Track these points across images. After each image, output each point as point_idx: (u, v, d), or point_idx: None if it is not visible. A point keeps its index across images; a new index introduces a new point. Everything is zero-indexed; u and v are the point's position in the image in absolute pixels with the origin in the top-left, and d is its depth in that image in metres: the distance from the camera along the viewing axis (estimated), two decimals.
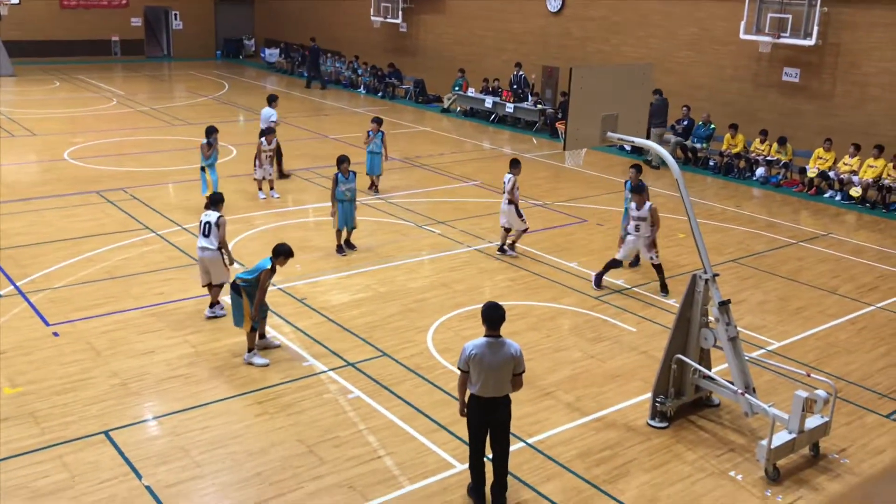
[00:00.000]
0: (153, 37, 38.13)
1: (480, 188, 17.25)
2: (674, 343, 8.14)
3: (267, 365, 8.94)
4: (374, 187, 16.28)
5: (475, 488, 6.80)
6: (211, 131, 14.23)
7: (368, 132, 16.02)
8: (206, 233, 9.69)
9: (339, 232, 12.60)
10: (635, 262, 12.31)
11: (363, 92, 30.49)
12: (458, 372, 6.56)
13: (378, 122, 15.98)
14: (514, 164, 12.62)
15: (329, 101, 28.42)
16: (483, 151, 21.51)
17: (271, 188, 15.63)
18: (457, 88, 26.84)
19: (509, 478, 6.89)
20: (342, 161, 12.35)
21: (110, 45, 36.15)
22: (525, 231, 12.67)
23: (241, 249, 12.78)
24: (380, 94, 29.57)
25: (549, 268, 12.52)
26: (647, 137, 16.92)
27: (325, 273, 11.75)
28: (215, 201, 9.86)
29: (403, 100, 29.08)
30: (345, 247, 12.71)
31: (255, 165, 15.40)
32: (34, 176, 16.71)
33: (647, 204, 11.31)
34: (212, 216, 9.66)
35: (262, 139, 15.20)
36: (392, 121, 24.19)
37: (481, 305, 6.60)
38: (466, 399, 6.62)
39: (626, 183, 12.30)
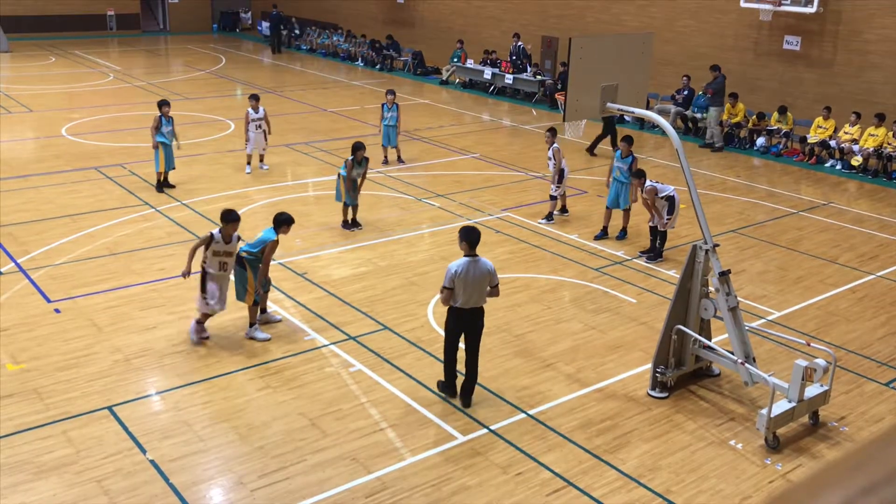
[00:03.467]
0: (149, 11, 37.74)
1: (480, 161, 17.19)
2: (674, 314, 8.15)
3: (268, 339, 8.95)
4: (387, 161, 16.28)
5: (448, 385, 7.93)
6: (163, 104, 13.75)
7: (383, 105, 15.99)
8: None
9: (345, 207, 12.59)
10: (622, 234, 12.35)
11: (361, 64, 30.25)
12: (444, 291, 7.46)
13: (393, 93, 15.96)
14: (553, 133, 12.87)
15: (326, 73, 28.21)
16: (482, 123, 21.39)
17: (261, 161, 15.39)
18: (455, 60, 26.63)
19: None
20: (358, 148, 12.19)
21: (106, 19, 35.79)
22: (553, 199, 13.15)
23: (241, 224, 12.75)
24: (378, 67, 29.32)
25: (549, 240, 12.52)
26: (706, 116, 16.78)
27: (325, 247, 11.74)
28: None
29: (401, 72, 28.85)
30: (351, 223, 12.68)
31: (245, 139, 15.30)
32: (32, 153, 16.63)
33: (648, 184, 11.33)
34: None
35: (249, 108, 14.93)
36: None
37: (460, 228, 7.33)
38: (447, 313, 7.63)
39: (615, 151, 12.32)
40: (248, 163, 15.29)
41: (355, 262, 11.39)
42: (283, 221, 8.81)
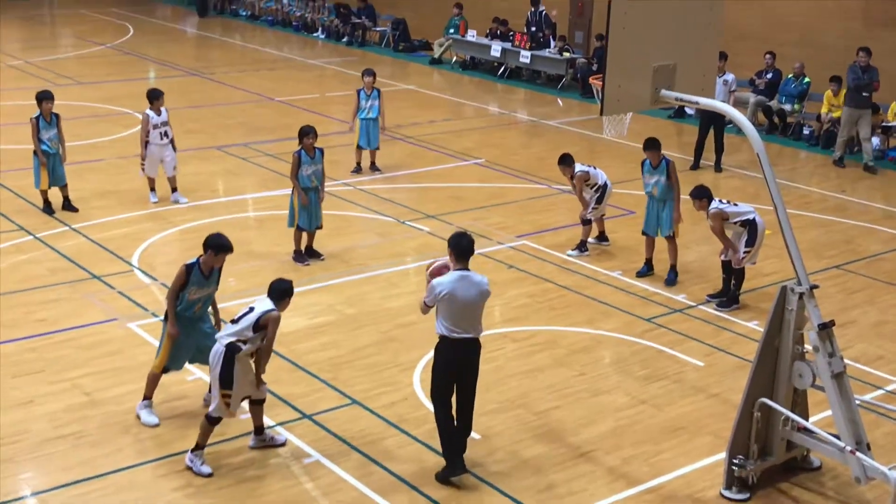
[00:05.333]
0: None
1: (486, 168, 17.24)
2: (757, 382, 8.13)
3: (156, 425, 8.82)
4: (360, 168, 16.39)
5: (450, 462, 8.13)
6: (43, 98, 13.69)
7: (359, 91, 16.10)
8: (237, 320, 8.35)
9: (300, 232, 12.60)
10: (671, 275, 12.39)
11: (322, 37, 30.49)
12: (424, 306, 8.04)
13: (372, 74, 16.10)
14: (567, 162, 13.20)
15: (274, 48, 28.43)
16: (489, 117, 21.50)
17: (174, 189, 14.78)
18: (452, 31, 26.89)
19: None
20: (306, 133, 12.34)
21: None
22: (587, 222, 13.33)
23: (152, 257, 12.77)
24: (345, 40, 29.58)
25: (582, 279, 12.52)
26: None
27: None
28: (278, 291, 8.36)
29: (378, 47, 29.09)
30: (305, 255, 12.70)
31: (142, 157, 14.46)
32: None
33: (713, 206, 11.43)
34: (263, 304, 8.38)
35: (148, 110, 14.31)
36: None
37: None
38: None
39: (642, 163, 12.46)
40: (152, 188, 14.71)
41: (313, 310, 11.37)
42: (211, 245, 8.63)
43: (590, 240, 13.41)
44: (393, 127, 19.53)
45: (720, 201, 11.65)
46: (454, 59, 26.94)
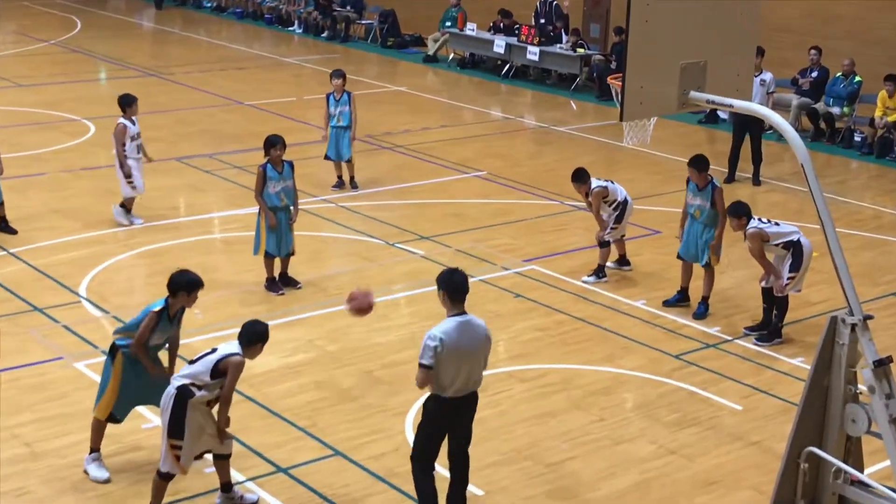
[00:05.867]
0: None
1: (488, 182, 17.30)
2: (803, 428, 8.11)
3: (106, 481, 8.78)
4: (342, 182, 16.48)
5: None
6: None
7: (328, 96, 16.18)
8: (195, 360, 8.44)
9: (269, 259, 12.64)
10: (701, 308, 12.37)
11: (299, 31, 30.62)
12: (422, 369, 7.61)
13: (341, 76, 16.21)
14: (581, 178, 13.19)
15: (243, 45, 28.51)
16: (491, 123, 21.57)
17: (128, 209, 14.87)
18: (449, 24, 27.00)
19: None
20: (272, 144, 12.38)
21: None
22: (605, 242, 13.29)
23: (103, 285, 12.74)
24: (325, 35, 29.71)
25: (600, 309, 12.54)
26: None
27: (241, 321, 11.67)
28: (249, 334, 8.46)
29: (363, 43, 29.22)
30: (280, 283, 12.69)
31: (125, 174, 14.55)
32: None
33: (751, 225, 11.44)
34: (228, 346, 8.46)
35: (123, 119, 14.49)
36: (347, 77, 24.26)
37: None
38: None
39: (688, 181, 12.43)
40: (128, 208, 14.86)
41: (288, 346, 11.36)
42: (181, 285, 8.71)
43: (609, 264, 13.42)
44: (381, 135, 19.60)
45: (759, 220, 11.66)
46: (451, 56, 27.04)
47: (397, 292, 12.89)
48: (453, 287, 7.73)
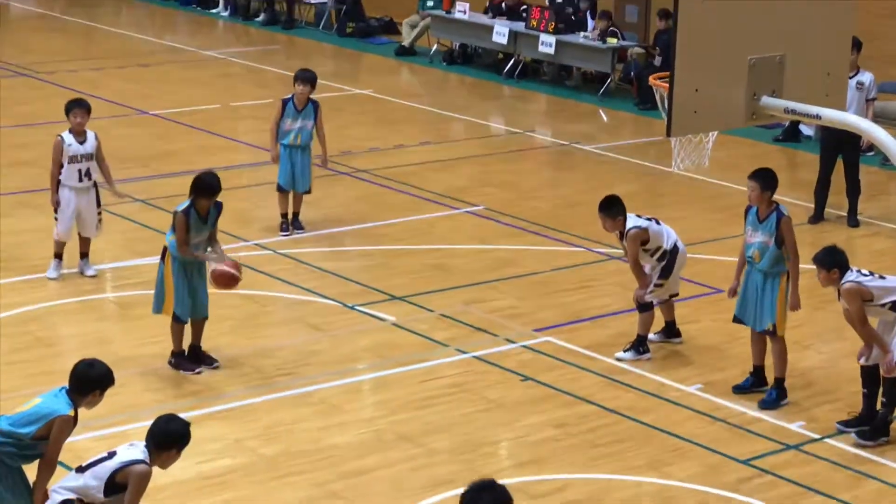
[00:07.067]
0: None
1: (485, 221, 17.35)
2: None
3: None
4: (289, 223, 16.51)
5: None
6: None
7: (285, 102, 16.22)
8: (84, 467, 8.62)
9: (178, 325, 12.68)
10: (772, 395, 12.37)
11: (225, 14, 30.77)
12: None
13: (310, 81, 16.21)
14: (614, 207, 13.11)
15: (151, 34, 28.60)
16: (491, 140, 21.65)
17: (84, 254, 15.16)
18: (431, 4, 27.09)
19: None
20: (205, 189, 12.42)
21: None
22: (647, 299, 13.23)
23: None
24: (261, 19, 29.92)
25: (641, 396, 12.54)
26: None
27: (143, 413, 11.65)
28: (161, 435, 8.70)
29: (313, 29, 29.38)
30: (192, 358, 12.68)
31: (54, 205, 14.83)
32: None
33: (847, 279, 11.47)
34: (130, 451, 8.59)
35: (62, 135, 14.83)
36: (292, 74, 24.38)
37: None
38: None
39: (746, 211, 12.45)
40: (58, 255, 15.00)
41: (209, 448, 11.32)
42: (91, 381, 8.79)
43: (652, 335, 13.43)
44: (338, 155, 19.60)
45: (858, 272, 11.67)
46: (434, 47, 27.18)
47: (358, 374, 12.88)
48: None
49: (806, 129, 21.01)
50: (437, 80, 25.60)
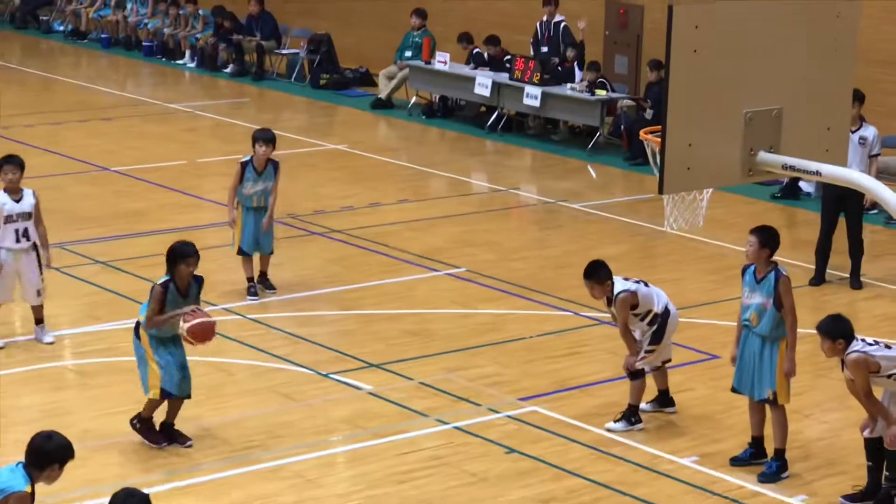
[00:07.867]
0: None
1: (467, 283, 17.35)
2: None
3: None
4: (255, 286, 16.47)
5: None
6: None
7: (244, 166, 16.20)
8: None
9: (152, 401, 12.49)
10: (771, 468, 12.33)
11: (192, 65, 30.84)
12: None
13: (270, 141, 16.21)
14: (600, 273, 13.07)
15: (111, 86, 28.62)
16: (473, 198, 21.66)
17: (39, 320, 15.13)
18: (409, 54, 27.20)
19: None
20: (183, 257, 12.38)
21: None
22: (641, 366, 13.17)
23: None
24: (229, 70, 30.01)
25: (633, 470, 12.48)
26: None
27: (112, 486, 11.57)
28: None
29: (285, 81, 29.42)
30: (162, 434, 12.59)
31: None
32: None
33: (852, 349, 11.45)
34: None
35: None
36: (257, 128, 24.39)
37: None
38: None
39: (743, 270, 12.44)
40: None
41: None
42: (49, 454, 8.74)
43: (644, 405, 13.39)
44: (310, 214, 19.63)
45: (863, 340, 11.64)
46: (413, 100, 27.23)
47: (333, 446, 12.80)
48: None
49: (806, 186, 21.06)
50: (416, 134, 25.66)
